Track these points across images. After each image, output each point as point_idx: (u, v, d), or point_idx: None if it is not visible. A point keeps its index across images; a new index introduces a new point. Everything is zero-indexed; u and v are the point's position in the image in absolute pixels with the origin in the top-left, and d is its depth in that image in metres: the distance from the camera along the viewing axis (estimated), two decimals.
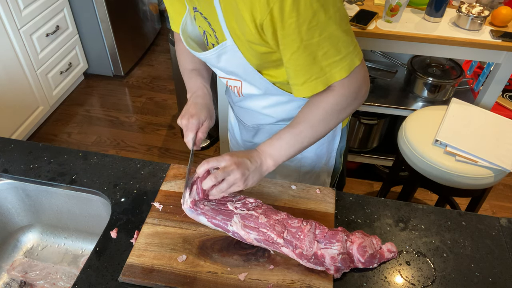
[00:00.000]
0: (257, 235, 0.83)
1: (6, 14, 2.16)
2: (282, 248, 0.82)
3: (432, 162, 1.48)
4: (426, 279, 0.83)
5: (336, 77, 0.80)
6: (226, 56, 0.89)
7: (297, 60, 0.78)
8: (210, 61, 0.95)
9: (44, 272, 1.05)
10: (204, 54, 0.93)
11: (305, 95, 0.84)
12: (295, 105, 1.02)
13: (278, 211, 0.87)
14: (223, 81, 1.04)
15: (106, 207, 0.99)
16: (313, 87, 0.82)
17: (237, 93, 1.03)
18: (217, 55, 0.89)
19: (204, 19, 0.88)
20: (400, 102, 1.99)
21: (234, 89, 1.03)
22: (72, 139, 2.63)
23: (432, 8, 1.71)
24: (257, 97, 1.02)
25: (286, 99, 1.00)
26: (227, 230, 0.85)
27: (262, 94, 0.99)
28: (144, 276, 0.80)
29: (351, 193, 0.99)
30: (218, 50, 0.88)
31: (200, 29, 0.95)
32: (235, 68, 0.92)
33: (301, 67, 0.79)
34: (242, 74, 0.94)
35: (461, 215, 0.95)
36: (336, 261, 0.79)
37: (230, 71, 0.95)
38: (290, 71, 0.83)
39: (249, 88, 0.99)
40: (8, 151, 1.07)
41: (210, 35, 0.91)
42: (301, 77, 0.81)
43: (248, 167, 0.83)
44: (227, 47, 0.86)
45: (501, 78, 1.78)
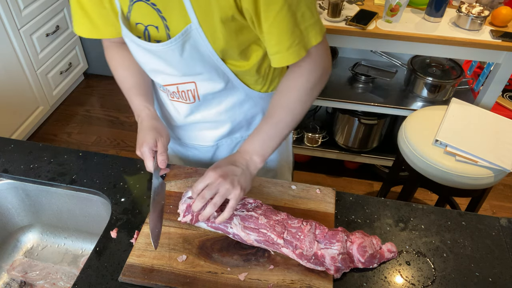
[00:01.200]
0: (257, 236, 0.83)
1: (6, 14, 2.16)
2: (282, 249, 0.82)
3: (432, 162, 1.48)
4: (426, 279, 0.83)
5: (313, 42, 0.81)
6: (190, 45, 0.83)
7: (281, 22, 0.77)
8: (169, 56, 0.86)
9: (44, 272, 1.05)
10: (168, 44, 0.83)
11: (290, 62, 0.82)
12: (252, 103, 1.02)
13: (278, 211, 0.87)
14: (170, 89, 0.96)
15: (106, 207, 0.99)
16: (297, 52, 0.81)
17: (192, 97, 0.96)
18: (181, 44, 0.82)
19: (152, 8, 0.80)
20: (400, 102, 1.99)
21: (188, 93, 0.96)
22: (72, 139, 2.63)
23: (432, 8, 1.71)
24: (215, 97, 0.97)
25: (243, 97, 0.99)
26: (227, 232, 0.85)
27: (221, 91, 0.95)
28: (144, 276, 0.80)
29: (351, 193, 0.99)
30: (182, 37, 0.81)
31: (140, 27, 0.86)
32: (197, 61, 0.86)
33: (285, 30, 0.78)
34: (202, 68, 0.88)
35: (461, 215, 0.95)
36: (336, 261, 0.79)
37: (190, 66, 0.88)
38: (273, 37, 0.80)
39: (207, 86, 0.93)
40: (8, 151, 1.07)
41: (157, 28, 0.84)
42: (286, 41, 0.79)
43: (234, 173, 0.82)
44: (192, 32, 0.80)
45: (501, 78, 1.78)
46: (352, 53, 2.25)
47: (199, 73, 0.90)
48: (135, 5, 0.82)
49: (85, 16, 0.91)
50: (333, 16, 1.73)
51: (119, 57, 1.01)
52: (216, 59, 0.86)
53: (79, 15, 0.91)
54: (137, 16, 0.84)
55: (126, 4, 0.83)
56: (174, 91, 0.97)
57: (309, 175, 2.41)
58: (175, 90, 0.96)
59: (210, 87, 0.94)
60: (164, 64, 0.89)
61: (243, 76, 0.94)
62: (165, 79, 0.94)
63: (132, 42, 0.88)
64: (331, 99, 2.00)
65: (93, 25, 0.92)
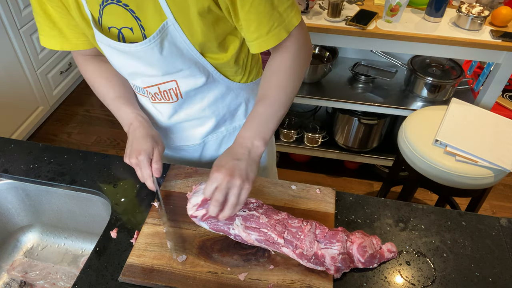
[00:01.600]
0: (258, 236, 0.83)
1: (6, 14, 2.16)
2: (282, 248, 0.82)
3: (432, 162, 1.48)
4: (426, 279, 0.83)
5: (294, 22, 0.83)
6: (168, 42, 0.82)
7: (258, 7, 0.77)
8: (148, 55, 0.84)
9: (44, 272, 1.05)
10: (146, 43, 0.81)
11: (271, 45, 0.83)
12: (233, 95, 1.02)
13: (279, 211, 0.87)
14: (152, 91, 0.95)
15: (106, 207, 0.99)
16: (277, 35, 0.82)
17: (174, 95, 0.96)
18: (160, 41, 0.81)
19: (125, 8, 0.79)
20: (400, 102, 1.99)
21: (170, 92, 0.95)
22: (72, 139, 2.63)
23: (432, 8, 1.71)
24: (197, 93, 0.97)
25: (225, 89, 0.99)
26: (228, 234, 0.85)
27: (203, 86, 0.95)
28: (144, 276, 0.80)
29: (351, 193, 0.98)
30: (160, 34, 0.80)
31: (113, 31, 0.84)
32: (177, 57, 0.86)
33: (263, 14, 0.79)
34: (182, 64, 0.88)
35: (461, 215, 0.95)
36: (336, 261, 0.79)
37: (170, 63, 0.87)
38: (252, 23, 0.80)
39: (189, 82, 0.93)
40: (8, 151, 1.07)
41: (132, 30, 0.82)
42: (265, 26, 0.80)
43: (240, 167, 0.80)
44: (169, 28, 0.80)
45: (501, 78, 1.78)
46: (352, 53, 2.25)
47: (180, 70, 0.89)
48: (106, 9, 0.80)
49: (54, 28, 0.89)
50: (333, 16, 1.73)
51: (96, 69, 0.99)
52: (195, 54, 0.86)
53: (48, 27, 0.89)
54: (109, 20, 0.82)
55: (96, 8, 0.81)
56: (155, 92, 0.95)
57: (309, 175, 2.41)
58: (157, 91, 0.95)
59: (191, 83, 0.93)
60: (143, 65, 0.87)
61: (222, 68, 0.94)
62: (145, 80, 0.93)
63: (107, 47, 0.86)
64: (331, 99, 2.00)
65: (63, 37, 0.90)
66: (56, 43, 0.92)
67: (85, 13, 0.83)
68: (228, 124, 1.09)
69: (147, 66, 0.88)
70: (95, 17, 0.83)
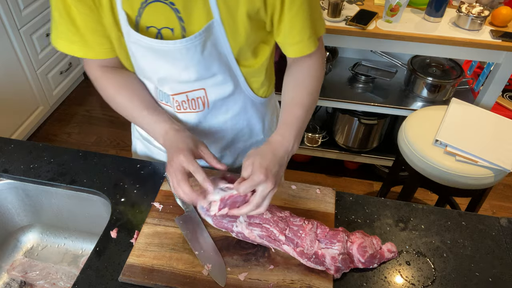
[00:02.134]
0: (260, 231, 0.83)
1: (6, 14, 2.16)
2: (283, 246, 0.82)
3: (432, 162, 1.48)
4: (426, 279, 0.83)
5: (321, 31, 0.87)
6: (211, 42, 0.81)
7: (304, 12, 0.81)
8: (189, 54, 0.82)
9: (44, 272, 1.05)
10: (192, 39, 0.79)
11: (310, 50, 0.87)
12: (254, 110, 1.02)
13: (282, 209, 0.87)
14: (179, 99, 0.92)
15: (106, 207, 0.99)
16: (314, 41, 0.87)
17: (202, 104, 0.94)
18: (203, 41, 0.80)
19: (170, 7, 0.78)
20: (400, 102, 1.99)
21: (198, 101, 0.93)
22: (72, 139, 2.63)
23: (432, 8, 1.71)
24: (223, 104, 0.96)
25: (249, 103, 1.00)
26: (231, 231, 0.85)
27: (229, 97, 0.95)
28: (144, 276, 0.80)
29: (351, 193, 0.98)
30: (204, 34, 0.79)
31: (152, 30, 0.81)
32: (214, 61, 0.85)
33: (307, 19, 0.83)
34: (217, 68, 0.87)
35: (461, 215, 0.95)
36: (336, 261, 0.79)
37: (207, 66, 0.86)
38: (296, 26, 0.83)
39: (217, 91, 0.92)
40: (8, 151, 1.07)
41: (172, 31, 0.81)
42: (307, 31, 0.84)
43: (280, 174, 0.79)
44: (214, 29, 0.79)
45: (501, 78, 1.78)
46: (352, 53, 2.25)
47: (213, 75, 0.88)
48: (148, 7, 0.78)
49: (76, 34, 0.84)
50: (333, 16, 1.73)
51: (119, 81, 0.92)
52: (231, 59, 0.87)
53: (71, 32, 0.84)
54: (149, 19, 0.80)
55: (136, 7, 0.79)
56: (183, 100, 0.93)
57: (309, 175, 2.41)
58: (185, 99, 0.93)
59: (220, 92, 0.93)
60: (178, 68, 0.85)
61: (251, 77, 0.95)
62: (175, 87, 0.90)
63: (141, 48, 0.83)
64: (331, 99, 2.00)
65: (85, 44, 0.86)
66: (78, 50, 0.87)
67: (117, 14, 0.81)
68: (245, 140, 1.08)
69: (182, 70, 0.85)
70: (132, 17, 0.80)
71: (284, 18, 0.82)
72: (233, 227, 0.84)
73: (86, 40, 0.85)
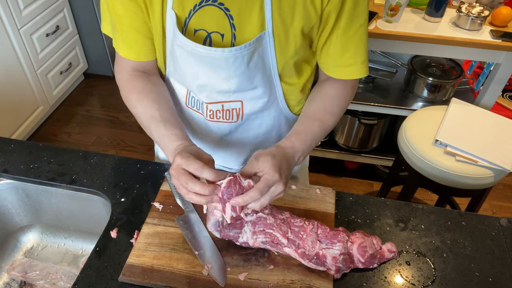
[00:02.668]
0: (264, 238, 0.82)
1: (6, 14, 2.17)
2: (284, 249, 0.82)
3: (432, 162, 1.48)
4: (426, 279, 0.83)
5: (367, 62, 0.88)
6: (258, 54, 0.80)
7: (361, 36, 0.82)
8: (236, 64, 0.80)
9: (44, 272, 1.05)
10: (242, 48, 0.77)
11: (363, 75, 0.87)
12: (287, 127, 1.01)
13: (282, 211, 0.87)
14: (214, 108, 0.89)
15: (106, 207, 0.99)
16: (366, 66, 0.87)
17: (236, 116, 0.93)
18: (252, 51, 0.79)
19: (225, 13, 0.76)
20: (400, 102, 1.99)
21: (232, 112, 0.91)
22: (72, 139, 2.63)
23: (432, 8, 1.71)
24: (257, 118, 0.95)
25: (283, 120, 0.99)
26: (236, 240, 0.84)
27: (264, 111, 0.94)
28: (144, 276, 0.80)
29: (351, 193, 0.98)
30: (254, 44, 0.78)
31: (200, 33, 0.79)
32: (258, 73, 0.84)
33: (363, 44, 0.83)
34: (260, 81, 0.85)
35: (461, 215, 0.95)
36: (337, 262, 0.79)
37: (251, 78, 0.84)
38: (350, 49, 0.83)
39: (254, 104, 0.91)
40: (8, 151, 1.07)
41: (223, 36, 0.79)
42: (362, 55, 0.85)
43: (288, 178, 0.76)
44: (263, 40, 0.78)
45: (501, 78, 1.78)
46: None
47: (254, 88, 0.87)
48: (201, 10, 0.76)
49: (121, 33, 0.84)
50: None
51: (144, 88, 0.89)
52: (274, 73, 0.86)
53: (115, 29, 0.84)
54: (200, 22, 0.78)
55: (188, 8, 0.76)
56: (218, 110, 0.91)
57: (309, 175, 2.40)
58: (220, 109, 0.91)
59: (256, 105, 0.91)
60: (219, 77, 0.83)
61: (290, 95, 0.94)
62: (212, 96, 0.88)
63: (185, 52, 0.81)
64: None
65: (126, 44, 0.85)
66: (121, 47, 0.86)
67: (165, 16, 0.79)
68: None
69: (223, 79, 0.84)
70: (181, 18, 0.78)
71: (336, 40, 0.82)
72: (239, 239, 0.83)
73: (127, 38, 0.84)
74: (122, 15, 0.81)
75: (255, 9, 0.76)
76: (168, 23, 0.79)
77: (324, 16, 0.79)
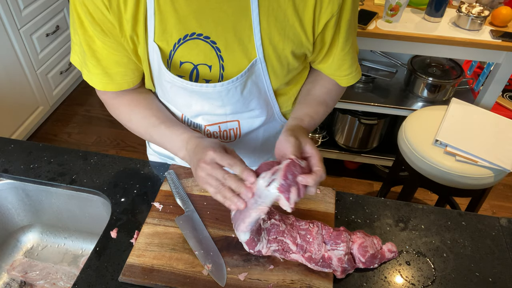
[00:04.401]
0: (276, 246, 0.81)
1: (6, 14, 2.17)
2: (292, 255, 0.81)
3: (432, 162, 1.48)
4: (426, 279, 0.83)
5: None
6: (251, 81, 0.80)
7: (355, 48, 0.87)
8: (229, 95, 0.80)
9: (44, 272, 1.05)
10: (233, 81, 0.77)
11: (357, 79, 0.92)
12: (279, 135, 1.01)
13: (287, 215, 0.85)
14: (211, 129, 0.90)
15: (106, 207, 0.99)
16: (359, 71, 0.92)
17: (233, 136, 0.92)
18: (245, 81, 0.79)
19: (211, 46, 0.75)
20: (400, 102, 1.99)
21: (230, 132, 0.91)
22: (72, 139, 2.63)
23: (432, 8, 1.71)
24: (253, 133, 0.95)
25: (279, 128, 0.98)
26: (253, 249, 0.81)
27: (261, 126, 0.94)
28: (144, 276, 0.80)
29: (351, 193, 0.98)
30: (247, 74, 0.78)
31: (186, 66, 0.77)
32: (253, 98, 0.84)
33: (356, 52, 0.88)
34: (256, 104, 0.86)
35: (461, 215, 0.95)
36: (343, 262, 0.79)
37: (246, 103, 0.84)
38: (347, 62, 0.87)
39: (251, 123, 0.91)
40: (8, 151, 1.07)
41: (210, 68, 0.77)
42: (355, 63, 0.89)
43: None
44: (255, 67, 0.78)
45: (501, 78, 1.78)
46: None
47: (250, 110, 0.87)
48: (186, 43, 0.74)
49: (98, 66, 0.80)
50: None
51: (133, 100, 0.88)
52: (270, 94, 0.87)
53: (91, 64, 0.80)
54: (185, 55, 0.76)
55: (172, 42, 0.75)
56: (215, 131, 0.91)
57: None
58: (217, 130, 0.90)
59: (254, 124, 0.91)
60: (213, 105, 0.83)
61: (284, 103, 0.94)
62: (209, 118, 0.88)
63: (175, 86, 0.80)
64: None
65: (107, 76, 0.81)
66: (98, 82, 0.83)
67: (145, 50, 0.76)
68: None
69: (218, 107, 0.83)
70: (165, 51, 0.76)
71: (334, 57, 0.85)
72: (255, 247, 0.80)
73: (107, 72, 0.81)
74: (100, 50, 0.78)
75: (243, 39, 0.75)
76: (151, 55, 0.77)
77: (318, 43, 0.81)
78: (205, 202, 0.93)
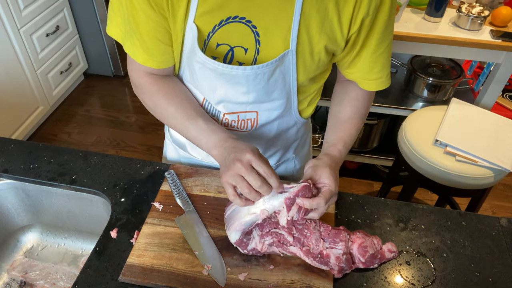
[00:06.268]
0: (270, 239, 0.81)
1: (6, 14, 2.17)
2: (290, 248, 0.81)
3: (432, 162, 1.48)
4: (426, 279, 0.83)
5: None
6: (280, 71, 0.81)
7: (388, 52, 0.86)
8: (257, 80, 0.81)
9: (44, 272, 1.05)
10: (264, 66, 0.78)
11: (387, 86, 0.91)
12: (296, 129, 1.03)
13: None
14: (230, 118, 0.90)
15: (106, 207, 0.99)
16: (389, 78, 0.91)
17: (250, 126, 0.93)
18: (274, 68, 0.80)
19: (251, 29, 0.76)
20: (400, 102, 1.99)
21: (247, 122, 0.92)
22: (72, 139, 2.63)
23: (432, 8, 1.71)
24: (268, 124, 0.95)
25: (292, 123, 1.00)
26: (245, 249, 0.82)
27: (277, 119, 0.94)
28: (144, 276, 0.80)
29: (351, 193, 0.98)
30: (277, 62, 0.79)
31: (222, 48, 0.78)
32: (277, 88, 0.85)
33: (388, 58, 0.87)
34: (278, 95, 0.87)
35: (461, 215, 0.95)
36: (341, 262, 0.79)
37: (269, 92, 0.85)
38: (378, 65, 0.86)
39: (269, 114, 0.91)
40: (8, 151, 1.07)
41: (246, 50, 0.78)
42: (387, 69, 0.88)
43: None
44: (286, 57, 0.79)
45: (501, 78, 1.78)
46: None
47: (271, 100, 0.88)
48: (227, 26, 0.75)
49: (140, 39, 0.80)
50: None
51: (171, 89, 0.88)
52: (293, 87, 0.87)
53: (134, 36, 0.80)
54: (223, 37, 0.77)
55: (212, 24, 0.75)
56: (233, 120, 0.91)
57: None
58: (235, 119, 0.91)
59: (272, 115, 0.92)
60: (238, 91, 0.83)
61: (302, 101, 0.95)
62: (228, 106, 0.88)
63: (205, 68, 0.80)
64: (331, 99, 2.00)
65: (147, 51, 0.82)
66: (139, 55, 0.83)
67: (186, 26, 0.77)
68: (278, 158, 1.08)
69: (241, 93, 0.84)
70: (204, 32, 0.77)
71: (365, 58, 0.85)
72: (247, 246, 0.82)
73: (148, 47, 0.81)
74: (143, 23, 0.78)
75: (283, 27, 0.76)
76: (187, 35, 0.78)
77: (351, 41, 0.81)
78: (205, 202, 0.94)
